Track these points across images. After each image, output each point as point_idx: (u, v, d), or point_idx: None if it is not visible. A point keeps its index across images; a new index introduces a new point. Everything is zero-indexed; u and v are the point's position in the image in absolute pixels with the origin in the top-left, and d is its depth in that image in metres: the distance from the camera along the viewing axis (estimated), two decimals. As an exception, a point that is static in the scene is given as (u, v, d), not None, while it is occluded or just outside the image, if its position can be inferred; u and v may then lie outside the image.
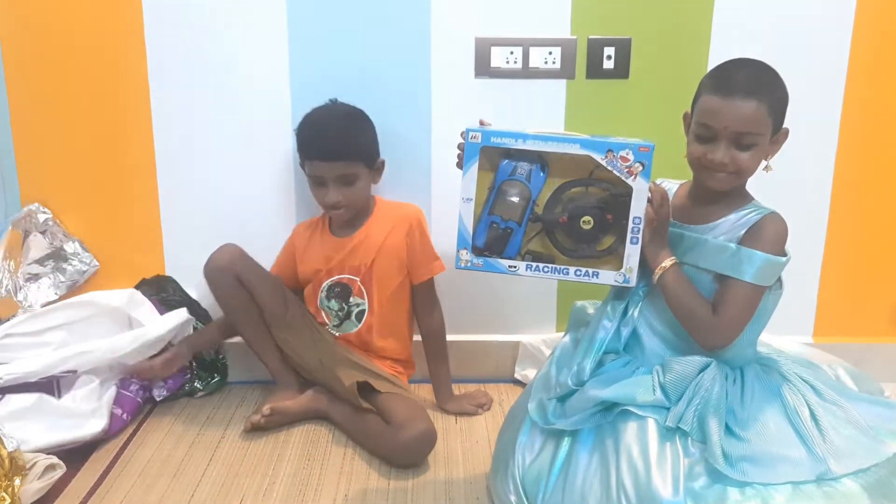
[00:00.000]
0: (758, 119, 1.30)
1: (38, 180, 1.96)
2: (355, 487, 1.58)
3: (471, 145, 1.36)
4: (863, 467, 1.24)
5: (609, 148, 1.30)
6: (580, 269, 1.36)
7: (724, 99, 1.30)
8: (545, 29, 1.87)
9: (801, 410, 1.31)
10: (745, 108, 1.29)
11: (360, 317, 1.86)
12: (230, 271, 1.77)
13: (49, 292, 1.96)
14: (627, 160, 1.29)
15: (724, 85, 1.31)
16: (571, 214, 1.36)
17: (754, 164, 1.34)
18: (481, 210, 1.38)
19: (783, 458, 1.24)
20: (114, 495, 1.54)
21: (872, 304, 2.06)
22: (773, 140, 1.35)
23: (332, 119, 1.79)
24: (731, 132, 1.30)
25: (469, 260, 1.40)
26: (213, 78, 1.89)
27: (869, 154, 1.96)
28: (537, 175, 1.35)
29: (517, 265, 1.38)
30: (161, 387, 1.88)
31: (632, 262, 1.33)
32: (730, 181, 1.35)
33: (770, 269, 1.33)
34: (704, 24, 1.87)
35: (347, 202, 1.77)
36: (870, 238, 2.02)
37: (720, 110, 1.30)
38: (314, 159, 1.76)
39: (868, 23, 1.87)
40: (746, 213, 1.36)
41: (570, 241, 1.37)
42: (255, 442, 1.74)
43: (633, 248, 1.33)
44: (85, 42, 1.87)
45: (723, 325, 1.33)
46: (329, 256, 1.84)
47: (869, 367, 2.03)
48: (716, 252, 1.34)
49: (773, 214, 1.36)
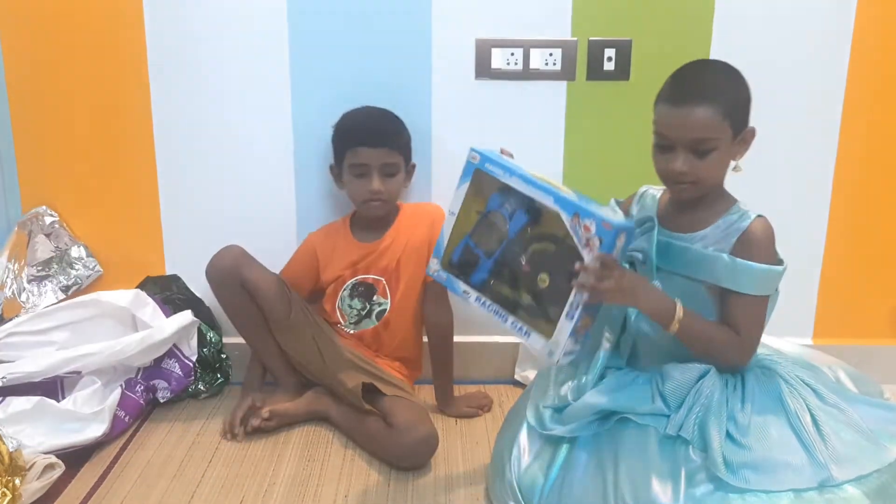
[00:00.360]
0: (712, 124, 1.27)
1: (38, 183, 1.97)
2: (355, 488, 1.58)
3: (469, 164, 1.38)
4: (864, 473, 1.23)
5: (577, 211, 1.24)
6: (516, 322, 1.34)
7: (676, 107, 1.27)
8: (546, 30, 1.87)
9: (803, 415, 1.29)
10: (697, 114, 1.26)
11: (380, 316, 1.86)
12: (232, 273, 1.77)
13: (52, 295, 1.97)
14: (589, 230, 1.23)
15: (675, 93, 1.29)
16: (532, 267, 1.32)
17: (716, 169, 1.31)
18: (469, 229, 1.39)
19: (785, 464, 1.22)
20: (114, 496, 1.55)
21: (872, 305, 2.06)
22: (738, 141, 1.32)
23: (374, 111, 1.83)
24: (686, 140, 1.27)
25: (436, 270, 1.44)
26: (213, 80, 1.90)
27: (869, 155, 1.96)
28: (519, 217, 1.33)
29: (470, 293, 1.39)
30: (165, 388, 1.88)
31: (560, 337, 1.27)
32: (693, 191, 1.32)
33: (770, 279, 1.31)
34: (705, 26, 1.87)
35: (387, 194, 1.79)
36: (870, 240, 2.01)
37: (673, 119, 1.28)
38: (358, 146, 1.77)
39: (869, 25, 1.87)
40: (733, 220, 1.33)
41: (529, 295, 1.32)
42: (255, 443, 1.74)
43: (567, 322, 1.26)
44: (86, 45, 1.88)
45: (748, 344, 1.32)
46: (354, 262, 1.85)
47: (869, 369, 2.02)
48: (710, 263, 1.31)
49: (759, 219, 1.33)
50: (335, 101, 1.88)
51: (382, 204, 1.80)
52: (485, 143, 1.91)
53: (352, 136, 1.79)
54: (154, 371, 1.87)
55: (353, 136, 1.79)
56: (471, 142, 1.91)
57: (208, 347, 1.96)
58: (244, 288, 1.77)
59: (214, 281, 1.80)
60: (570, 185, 1.92)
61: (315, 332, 1.83)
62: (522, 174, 1.32)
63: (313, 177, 1.95)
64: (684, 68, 1.33)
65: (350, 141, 1.79)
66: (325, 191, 1.96)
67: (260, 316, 1.81)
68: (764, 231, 1.32)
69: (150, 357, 1.83)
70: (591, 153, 1.94)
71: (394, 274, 1.84)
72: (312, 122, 1.91)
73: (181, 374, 1.89)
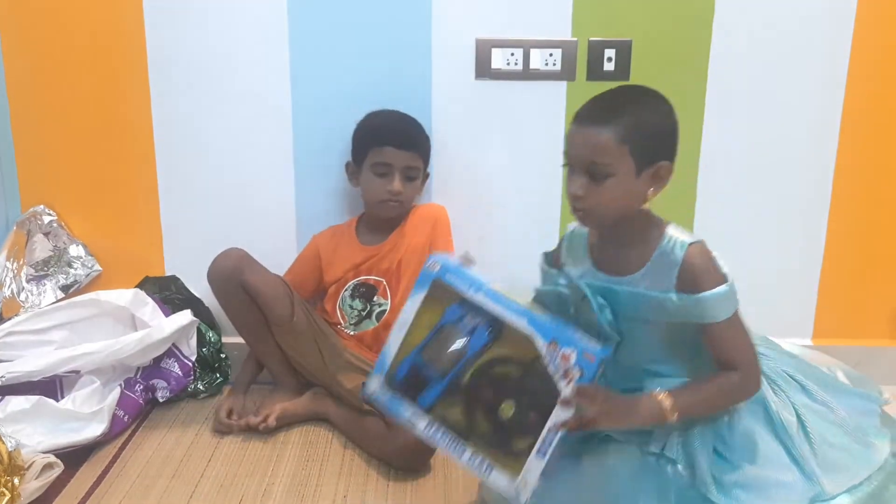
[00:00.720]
0: (606, 147, 1.17)
1: (37, 182, 1.97)
2: (354, 488, 1.58)
3: (426, 273, 1.23)
4: (856, 483, 1.20)
5: (555, 338, 1.13)
6: (476, 457, 1.18)
7: (577, 127, 1.22)
8: (546, 31, 1.87)
9: (789, 420, 1.24)
10: (591, 135, 1.18)
11: (381, 317, 1.86)
12: (233, 276, 1.77)
13: (51, 294, 1.97)
14: (567, 360, 1.11)
15: (580, 113, 1.23)
16: (496, 393, 1.20)
17: (614, 199, 1.19)
18: (418, 343, 1.24)
19: (776, 482, 1.19)
20: (112, 495, 1.54)
21: (872, 306, 2.06)
22: (648, 175, 1.20)
23: (402, 114, 1.84)
24: (580, 162, 1.20)
25: (376, 390, 1.26)
26: (213, 78, 1.90)
27: (869, 156, 1.96)
28: (481, 334, 1.20)
29: (418, 420, 1.23)
30: (164, 388, 1.88)
31: (529, 476, 1.13)
32: (588, 219, 1.23)
33: (728, 299, 1.21)
34: (705, 27, 1.87)
35: (405, 197, 1.80)
36: (870, 240, 2.01)
37: (572, 139, 1.22)
38: (385, 146, 1.78)
39: (869, 25, 1.87)
40: (667, 252, 1.21)
41: (487, 423, 1.20)
42: (254, 443, 1.74)
43: (538, 461, 1.12)
44: (85, 44, 1.88)
45: (750, 372, 1.22)
46: (357, 264, 1.85)
47: (869, 370, 2.01)
48: (661, 305, 1.21)
49: (692, 247, 1.20)
50: (335, 100, 1.88)
51: (398, 206, 1.81)
52: (485, 143, 1.94)
53: (380, 134, 1.80)
54: (153, 371, 1.87)
55: (382, 135, 1.79)
56: (471, 141, 1.93)
57: (208, 347, 1.96)
58: (245, 291, 1.77)
59: (215, 284, 1.80)
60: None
61: (316, 333, 1.83)
62: (489, 291, 1.19)
63: (313, 177, 1.95)
64: (604, 91, 1.26)
65: (377, 139, 1.79)
66: (325, 191, 1.96)
67: (261, 318, 1.80)
68: (701, 257, 1.20)
69: (149, 357, 1.83)
70: (591, 154, 1.93)
71: (395, 275, 1.84)
72: (312, 122, 1.91)
73: (180, 374, 1.88)
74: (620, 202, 1.20)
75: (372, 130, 1.82)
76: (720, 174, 1.95)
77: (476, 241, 1.98)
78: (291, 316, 1.79)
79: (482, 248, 1.99)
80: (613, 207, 1.20)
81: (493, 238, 1.99)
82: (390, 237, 1.85)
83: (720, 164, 1.93)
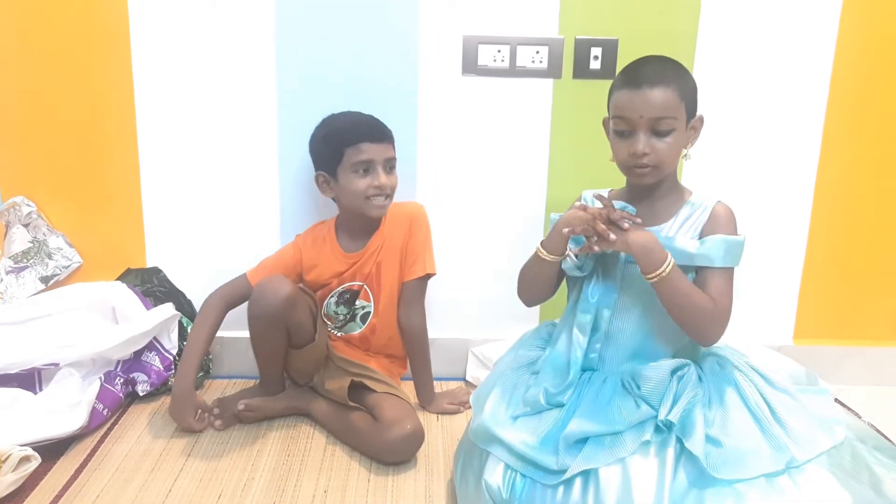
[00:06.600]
0: (670, 103, 1.35)
1: (16, 172, 1.95)
2: (335, 483, 1.57)
3: None
4: (823, 450, 1.27)
5: None
6: None
7: (635, 90, 1.35)
8: (533, 28, 1.87)
9: (757, 399, 1.34)
10: (655, 94, 1.34)
11: (365, 318, 1.86)
12: (281, 313, 1.69)
13: (31, 286, 1.95)
14: None
15: (631, 79, 1.37)
16: None
17: (674, 152, 1.38)
18: None
19: (750, 451, 1.25)
20: (90, 489, 1.53)
21: (852, 307, 2.08)
22: (690, 126, 1.40)
23: (359, 112, 1.83)
24: (646, 120, 1.35)
25: None
26: (198, 72, 1.89)
27: (851, 158, 1.98)
28: None
29: None
30: (145, 381, 1.86)
31: None
32: (653, 175, 1.39)
33: (734, 250, 1.38)
34: (691, 26, 1.88)
35: (391, 189, 1.79)
36: (851, 242, 2.03)
37: (632, 101, 1.35)
38: (361, 143, 1.74)
39: (852, 26, 1.89)
40: (695, 211, 1.42)
41: None
42: (235, 437, 1.73)
43: None
44: (68, 33, 1.86)
45: (723, 315, 1.37)
46: (341, 272, 1.84)
47: (847, 371, 2.06)
48: (681, 250, 1.37)
49: (720, 203, 1.42)
50: (321, 95, 1.87)
51: (387, 199, 1.79)
52: (471, 139, 1.94)
53: (353, 132, 1.76)
54: (133, 364, 1.86)
55: (355, 134, 1.76)
56: (457, 137, 1.93)
57: (189, 341, 1.94)
58: (285, 323, 1.73)
59: (259, 319, 1.72)
60: (553, 183, 1.95)
61: (327, 345, 1.83)
62: None
63: (297, 168, 1.94)
64: (637, 61, 1.41)
65: (351, 138, 1.75)
66: (309, 181, 1.94)
67: (285, 340, 1.76)
68: (727, 211, 1.41)
69: (129, 350, 1.82)
70: (577, 151, 1.94)
71: (374, 278, 1.83)
72: (298, 115, 1.90)
73: (161, 368, 1.87)
74: (677, 156, 1.40)
75: (342, 132, 1.77)
76: (702, 173, 1.95)
77: (462, 237, 1.98)
78: (314, 337, 1.77)
79: (468, 245, 1.99)
80: (675, 158, 1.39)
81: (479, 234, 1.99)
82: (371, 241, 1.83)
83: (702, 163, 1.94)
